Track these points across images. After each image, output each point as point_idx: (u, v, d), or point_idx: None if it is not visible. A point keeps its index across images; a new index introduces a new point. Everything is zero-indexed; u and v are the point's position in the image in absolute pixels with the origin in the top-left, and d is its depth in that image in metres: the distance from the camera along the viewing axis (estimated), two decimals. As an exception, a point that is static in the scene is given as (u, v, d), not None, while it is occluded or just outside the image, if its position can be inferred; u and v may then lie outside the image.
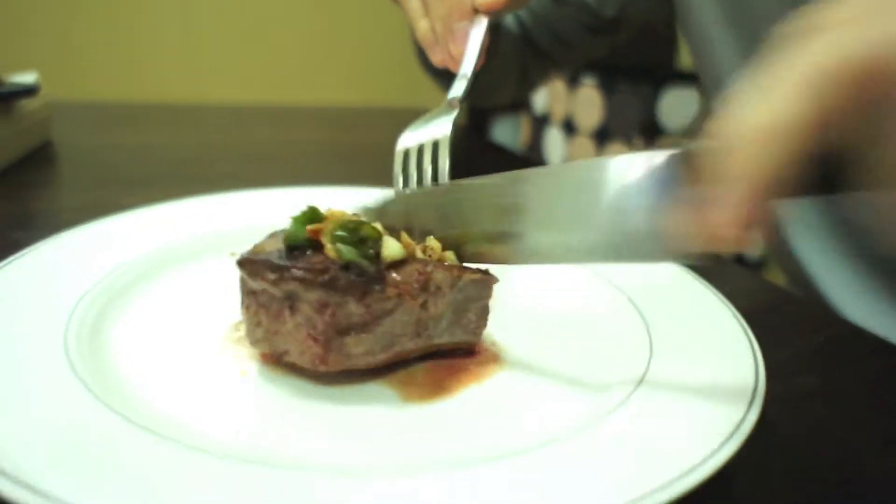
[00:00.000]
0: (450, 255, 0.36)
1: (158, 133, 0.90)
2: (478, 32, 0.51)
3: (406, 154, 0.47)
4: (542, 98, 1.89)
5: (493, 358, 0.36)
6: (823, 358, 0.42)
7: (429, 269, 0.34)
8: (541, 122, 1.90)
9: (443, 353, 0.36)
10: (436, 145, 0.46)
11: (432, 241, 0.36)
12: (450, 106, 0.49)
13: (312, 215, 0.34)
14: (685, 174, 0.27)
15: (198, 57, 2.10)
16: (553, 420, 0.31)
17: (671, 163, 0.27)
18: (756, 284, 0.54)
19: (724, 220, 0.24)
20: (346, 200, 0.43)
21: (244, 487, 0.25)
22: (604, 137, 1.68)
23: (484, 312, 0.37)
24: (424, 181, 0.45)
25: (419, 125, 0.48)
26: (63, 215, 0.54)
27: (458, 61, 0.52)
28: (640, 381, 0.32)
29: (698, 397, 0.31)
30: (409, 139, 0.47)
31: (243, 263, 0.33)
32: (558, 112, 1.82)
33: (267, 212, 0.48)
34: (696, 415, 0.29)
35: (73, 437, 0.26)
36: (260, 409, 0.32)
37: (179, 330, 0.37)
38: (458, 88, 0.50)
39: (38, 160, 0.71)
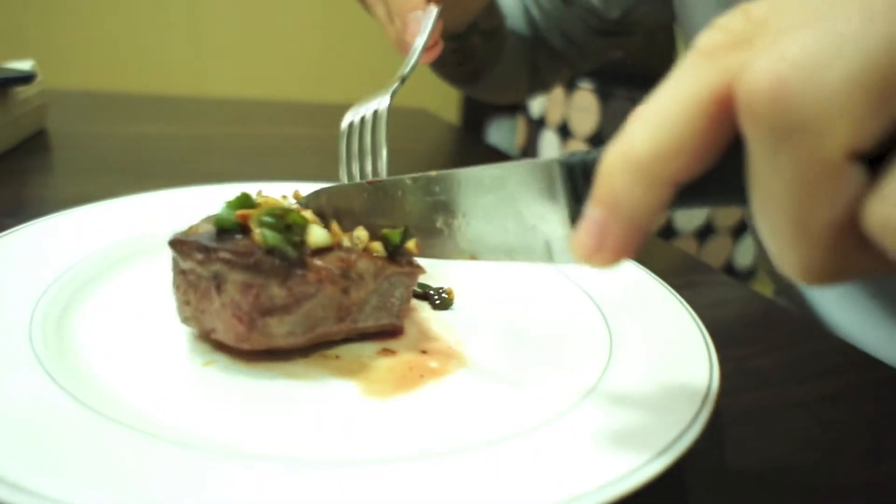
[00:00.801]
0: (377, 246, 0.37)
1: (155, 124, 0.91)
2: (428, 21, 0.54)
3: (350, 129, 0.49)
4: (539, 101, 1.90)
5: (456, 356, 0.37)
6: (808, 369, 0.43)
7: (352, 257, 0.35)
8: (537, 126, 1.91)
9: (371, 335, 0.38)
10: (376, 118, 0.49)
11: (360, 232, 0.37)
12: (389, 85, 0.51)
13: (244, 201, 0.35)
14: (576, 185, 0.27)
15: (198, 50, 2.11)
16: (506, 419, 0.32)
17: (567, 172, 0.28)
18: (743, 294, 0.55)
19: (585, 242, 0.24)
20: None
21: (202, 477, 0.25)
22: (599, 143, 1.70)
23: (407, 296, 0.39)
24: (364, 151, 0.48)
25: (362, 102, 0.51)
26: (56, 204, 0.55)
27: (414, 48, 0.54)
28: (595, 386, 0.33)
29: (649, 406, 0.32)
30: (352, 115, 0.50)
31: (174, 244, 0.35)
32: (554, 116, 1.83)
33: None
34: (644, 423, 0.30)
35: (33, 423, 0.27)
36: (222, 400, 0.32)
37: (149, 319, 0.38)
38: (406, 66, 0.52)
39: (32, 148, 0.72)
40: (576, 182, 0.28)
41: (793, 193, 0.20)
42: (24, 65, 0.73)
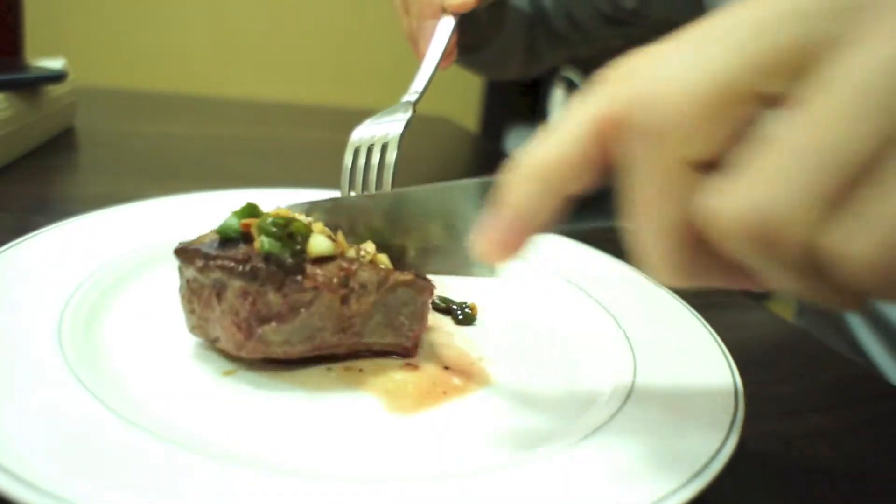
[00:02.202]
0: (383, 258, 0.37)
1: (179, 124, 0.92)
2: (443, 34, 0.53)
3: (357, 147, 0.49)
4: (559, 111, 1.89)
5: (479, 374, 0.38)
6: (830, 397, 0.42)
7: (353, 266, 0.35)
8: (556, 135, 1.91)
9: (380, 352, 0.38)
10: (385, 143, 0.48)
11: (368, 245, 0.37)
12: (404, 108, 0.50)
13: (250, 210, 0.36)
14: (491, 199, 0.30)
15: (223, 51, 2.12)
16: (528, 441, 0.32)
17: (486, 190, 0.31)
18: (763, 317, 0.55)
19: (489, 239, 0.28)
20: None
21: (227, 489, 0.26)
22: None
23: (417, 317, 0.38)
24: (371, 175, 0.48)
25: (374, 121, 0.50)
26: (82, 202, 0.56)
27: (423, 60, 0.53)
28: (619, 410, 0.33)
29: (673, 433, 0.32)
30: (363, 132, 0.49)
31: (178, 252, 0.35)
32: (575, 126, 1.83)
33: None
34: (668, 450, 0.30)
35: (62, 428, 0.27)
36: (244, 411, 0.33)
37: (171, 325, 0.38)
38: (414, 92, 0.51)
39: (60, 145, 0.73)
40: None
41: (648, 193, 0.23)
42: (56, 63, 0.73)
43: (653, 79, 0.23)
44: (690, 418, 0.33)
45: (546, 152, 0.26)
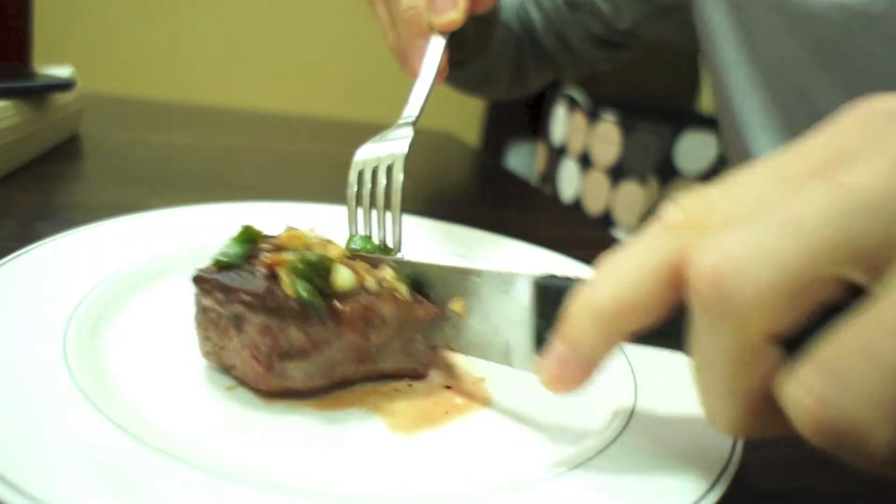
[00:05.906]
0: (402, 287, 0.37)
1: (186, 134, 0.92)
2: (435, 52, 0.52)
3: (362, 167, 0.48)
4: (561, 129, 1.91)
5: (480, 393, 0.38)
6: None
7: (376, 302, 0.35)
8: (557, 153, 1.92)
9: (392, 376, 0.38)
10: (390, 164, 0.48)
11: (387, 271, 0.37)
12: (405, 129, 0.50)
13: (247, 235, 0.35)
14: (544, 304, 0.32)
15: (232, 61, 2.13)
16: (529, 463, 0.32)
17: (539, 291, 0.32)
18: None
19: (550, 372, 0.28)
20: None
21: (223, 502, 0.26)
22: (619, 174, 1.70)
23: (431, 342, 0.38)
24: (378, 193, 0.48)
25: (375, 142, 0.50)
26: (87, 211, 0.56)
27: (417, 78, 0.53)
28: (620, 433, 0.33)
29: (674, 458, 0.32)
30: (366, 153, 0.49)
31: (197, 281, 0.35)
32: (576, 144, 1.84)
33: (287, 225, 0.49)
34: (669, 475, 0.30)
35: (65, 442, 0.27)
36: (245, 427, 0.32)
37: (178, 338, 0.38)
38: (412, 111, 0.51)
39: (65, 153, 0.73)
40: (544, 301, 0.32)
41: (722, 362, 0.23)
42: (64, 71, 0.74)
43: (730, 253, 0.22)
44: (690, 444, 0.33)
45: (610, 293, 0.25)
